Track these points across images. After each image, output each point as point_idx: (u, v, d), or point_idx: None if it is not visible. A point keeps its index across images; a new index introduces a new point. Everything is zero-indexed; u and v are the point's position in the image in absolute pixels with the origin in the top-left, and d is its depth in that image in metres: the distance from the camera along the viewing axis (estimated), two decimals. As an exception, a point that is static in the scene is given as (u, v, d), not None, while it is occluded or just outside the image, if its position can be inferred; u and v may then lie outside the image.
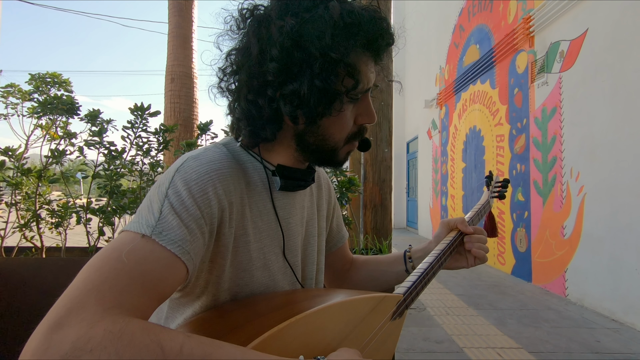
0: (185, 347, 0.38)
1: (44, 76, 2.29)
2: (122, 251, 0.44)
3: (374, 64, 0.62)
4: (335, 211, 0.86)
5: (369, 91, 0.62)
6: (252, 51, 0.57)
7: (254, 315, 0.53)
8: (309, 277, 0.72)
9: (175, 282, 0.47)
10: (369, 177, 3.67)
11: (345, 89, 0.57)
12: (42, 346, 0.35)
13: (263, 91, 0.57)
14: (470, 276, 4.64)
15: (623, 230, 3.03)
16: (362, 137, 0.65)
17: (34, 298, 1.53)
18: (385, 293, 0.60)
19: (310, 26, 0.54)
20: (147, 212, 0.49)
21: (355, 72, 0.57)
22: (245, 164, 0.62)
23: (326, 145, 0.62)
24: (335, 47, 0.54)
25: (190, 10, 5.43)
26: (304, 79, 0.55)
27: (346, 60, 0.55)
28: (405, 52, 11.67)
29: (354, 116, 0.62)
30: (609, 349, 2.49)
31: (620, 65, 3.10)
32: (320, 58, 0.54)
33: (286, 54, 0.55)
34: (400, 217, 11.47)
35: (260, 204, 0.62)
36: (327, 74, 0.55)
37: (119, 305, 0.39)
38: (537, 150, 4.24)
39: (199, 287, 0.58)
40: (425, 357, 2.33)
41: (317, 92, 0.55)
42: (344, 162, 0.66)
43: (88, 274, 0.41)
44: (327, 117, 0.59)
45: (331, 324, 0.52)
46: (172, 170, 0.54)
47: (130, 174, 2.17)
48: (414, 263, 0.84)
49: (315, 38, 0.54)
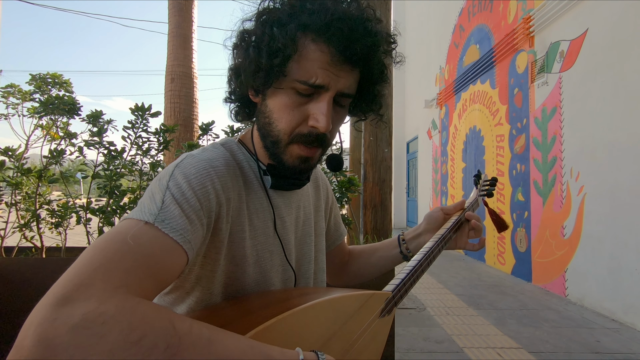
0: (195, 327, 0.39)
1: (45, 76, 2.29)
2: (126, 234, 0.44)
3: (332, 64, 0.55)
4: (333, 210, 0.88)
5: (320, 88, 0.56)
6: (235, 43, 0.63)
7: (244, 312, 0.53)
8: (304, 275, 0.72)
9: (176, 270, 0.48)
10: (369, 177, 3.67)
11: (275, 68, 0.56)
12: (50, 317, 0.33)
13: (231, 73, 0.65)
14: (470, 276, 4.64)
15: (623, 230, 3.03)
16: (314, 143, 0.59)
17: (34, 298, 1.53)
18: (373, 290, 0.61)
19: (269, 5, 0.59)
20: (149, 202, 0.49)
21: (289, 51, 0.55)
22: (242, 163, 0.64)
23: (271, 130, 0.60)
24: (277, 22, 0.57)
25: (190, 10, 5.43)
26: (248, 50, 0.59)
27: (286, 37, 0.55)
28: (405, 52, 11.65)
29: (306, 113, 0.58)
30: (609, 349, 2.49)
31: (620, 65, 3.10)
32: (261, 30, 0.58)
33: (242, 33, 0.61)
34: (400, 217, 11.47)
35: (257, 202, 0.64)
36: (262, 45, 0.57)
37: (126, 285, 0.39)
38: (537, 150, 4.24)
39: (189, 282, 0.58)
40: (425, 357, 2.33)
41: (250, 61, 0.58)
42: (297, 170, 0.61)
43: (93, 253, 0.41)
44: (271, 98, 0.60)
45: (319, 320, 0.52)
46: (172, 166, 0.55)
47: (130, 174, 2.17)
48: (407, 244, 0.88)
49: (265, 14, 0.59)
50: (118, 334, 0.34)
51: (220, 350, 0.39)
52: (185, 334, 0.37)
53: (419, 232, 0.88)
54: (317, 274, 0.76)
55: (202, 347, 0.38)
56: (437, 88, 8.13)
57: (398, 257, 0.88)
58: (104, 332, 0.33)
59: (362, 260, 0.92)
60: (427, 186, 8.84)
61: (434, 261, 0.78)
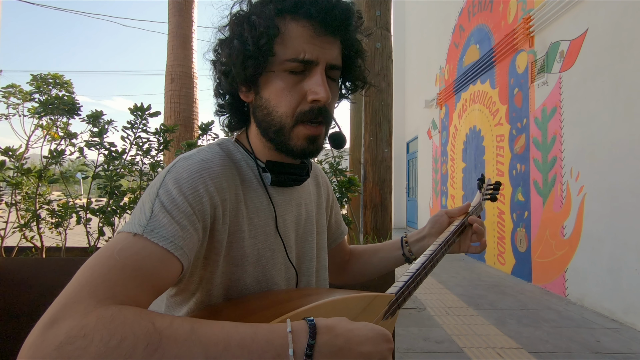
0: (176, 321, 0.39)
1: (46, 77, 2.29)
2: (114, 250, 0.45)
3: (316, 36, 0.58)
4: (334, 208, 0.88)
5: (310, 63, 0.58)
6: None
7: (246, 313, 0.53)
8: (306, 273, 0.72)
9: (170, 277, 0.48)
10: (369, 177, 3.67)
11: (263, 50, 0.58)
12: (38, 341, 0.35)
13: (218, 76, 0.65)
14: (470, 276, 4.64)
15: (623, 230, 3.03)
16: (319, 120, 0.61)
17: (34, 298, 1.53)
18: (377, 293, 0.61)
19: (240, 6, 0.61)
20: (139, 213, 0.50)
21: (272, 31, 0.57)
22: (239, 162, 0.64)
23: (272, 120, 0.61)
24: (255, 12, 0.59)
25: (190, 10, 5.43)
26: (232, 45, 0.60)
27: (266, 20, 0.58)
28: (405, 52, 11.67)
29: (302, 91, 0.60)
30: (609, 349, 2.49)
31: (620, 65, 3.10)
32: (239, 25, 0.59)
33: (220, 40, 0.63)
34: (400, 217, 11.47)
35: (256, 200, 0.63)
36: (245, 35, 0.58)
37: (112, 297, 0.40)
38: (537, 150, 4.24)
39: (193, 283, 0.59)
40: (425, 357, 2.33)
41: (236, 53, 0.59)
42: (306, 151, 0.62)
43: (82, 273, 0.43)
44: (265, 87, 0.61)
45: None
46: (164, 171, 0.55)
47: (130, 174, 2.17)
48: (410, 247, 0.87)
49: (238, 13, 0.61)
50: (99, 343, 0.35)
51: (203, 335, 0.39)
52: (166, 328, 0.38)
53: (422, 235, 0.88)
54: (319, 271, 0.76)
55: (184, 338, 0.38)
56: (437, 88, 8.13)
57: (400, 259, 0.88)
58: (85, 344, 0.35)
59: (364, 260, 0.92)
60: (427, 186, 8.84)
61: (437, 264, 0.77)
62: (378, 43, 3.48)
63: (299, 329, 0.43)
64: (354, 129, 4.78)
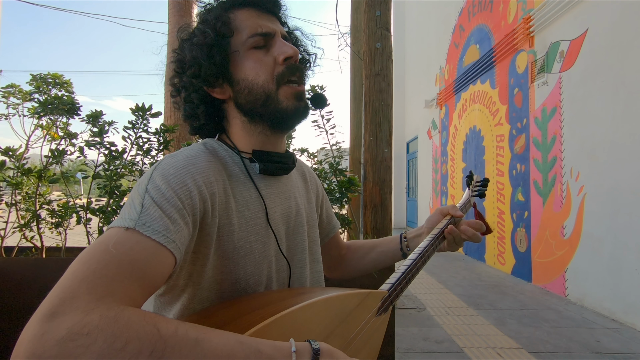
0: (180, 329, 0.39)
1: (46, 77, 2.29)
2: (108, 243, 0.45)
3: (262, 15, 0.67)
4: (324, 203, 0.89)
5: (268, 35, 0.66)
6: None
7: (239, 313, 0.53)
8: (298, 265, 0.72)
9: (164, 271, 0.48)
10: (369, 177, 3.67)
11: (222, 33, 0.64)
12: (38, 334, 0.35)
13: (184, 85, 0.68)
14: (470, 276, 4.64)
15: (623, 230, 3.03)
16: (297, 77, 0.67)
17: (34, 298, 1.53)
18: (370, 289, 0.61)
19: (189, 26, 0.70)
20: (129, 208, 0.50)
21: (226, 23, 0.64)
22: (224, 159, 0.65)
23: (256, 95, 0.65)
24: (204, 16, 0.67)
25: (190, 10, 5.43)
26: (192, 43, 0.66)
27: (217, 13, 0.65)
28: (405, 52, 11.67)
29: (272, 58, 0.66)
30: (609, 349, 2.49)
31: (620, 65, 3.10)
32: (191, 31, 0.68)
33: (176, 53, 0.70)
34: (400, 217, 11.47)
35: (245, 193, 0.64)
36: (201, 29, 0.65)
37: (111, 294, 0.40)
38: (537, 150, 4.24)
39: (182, 279, 0.59)
40: (425, 357, 2.33)
41: (199, 46, 0.64)
42: (300, 109, 0.67)
43: (77, 267, 0.42)
44: (237, 70, 0.65)
45: (316, 319, 0.52)
46: (151, 169, 0.56)
47: (131, 174, 2.17)
48: (408, 242, 0.90)
49: (185, 30, 0.69)
50: (102, 343, 0.35)
51: (208, 349, 0.39)
52: (171, 337, 0.38)
53: (420, 232, 0.89)
54: (313, 264, 0.77)
55: (189, 348, 0.38)
56: (437, 88, 8.13)
57: (398, 254, 0.89)
58: (88, 343, 0.34)
59: (361, 254, 0.93)
60: (427, 186, 8.85)
61: (428, 260, 0.78)
62: (378, 43, 3.48)
63: (303, 349, 0.44)
64: (354, 129, 4.78)
